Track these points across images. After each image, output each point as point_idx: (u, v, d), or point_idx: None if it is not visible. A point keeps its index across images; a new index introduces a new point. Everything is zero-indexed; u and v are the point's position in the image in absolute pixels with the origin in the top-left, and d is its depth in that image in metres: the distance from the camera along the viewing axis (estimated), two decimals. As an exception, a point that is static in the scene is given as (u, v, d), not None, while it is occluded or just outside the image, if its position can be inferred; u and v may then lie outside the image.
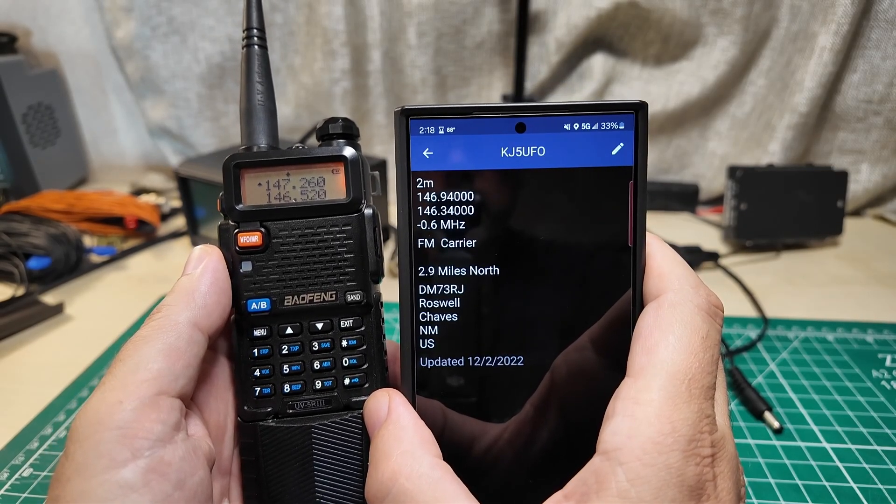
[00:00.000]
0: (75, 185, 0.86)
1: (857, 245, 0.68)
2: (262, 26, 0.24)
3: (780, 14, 0.70)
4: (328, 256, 0.22)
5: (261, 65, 0.24)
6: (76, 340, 0.49)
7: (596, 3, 0.67)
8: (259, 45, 0.24)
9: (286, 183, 0.22)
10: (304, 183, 0.23)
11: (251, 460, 0.22)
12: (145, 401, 0.18)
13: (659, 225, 0.73)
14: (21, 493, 0.34)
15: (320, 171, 0.23)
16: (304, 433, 0.22)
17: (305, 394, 0.22)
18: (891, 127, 0.71)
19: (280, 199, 0.22)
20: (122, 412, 0.17)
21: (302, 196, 0.22)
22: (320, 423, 0.22)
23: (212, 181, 0.58)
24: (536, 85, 0.74)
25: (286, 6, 0.75)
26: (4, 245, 0.57)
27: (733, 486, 0.18)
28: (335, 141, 0.23)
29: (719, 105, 0.77)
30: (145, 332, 0.20)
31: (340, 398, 0.22)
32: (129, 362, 0.19)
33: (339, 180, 0.23)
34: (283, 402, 0.22)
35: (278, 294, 0.22)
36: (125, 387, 0.18)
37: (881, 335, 0.50)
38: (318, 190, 0.23)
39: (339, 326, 0.23)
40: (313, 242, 0.22)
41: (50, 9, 0.79)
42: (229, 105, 0.81)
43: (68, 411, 0.41)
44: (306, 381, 0.22)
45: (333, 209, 0.22)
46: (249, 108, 0.23)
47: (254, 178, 0.22)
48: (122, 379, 0.18)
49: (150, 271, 0.62)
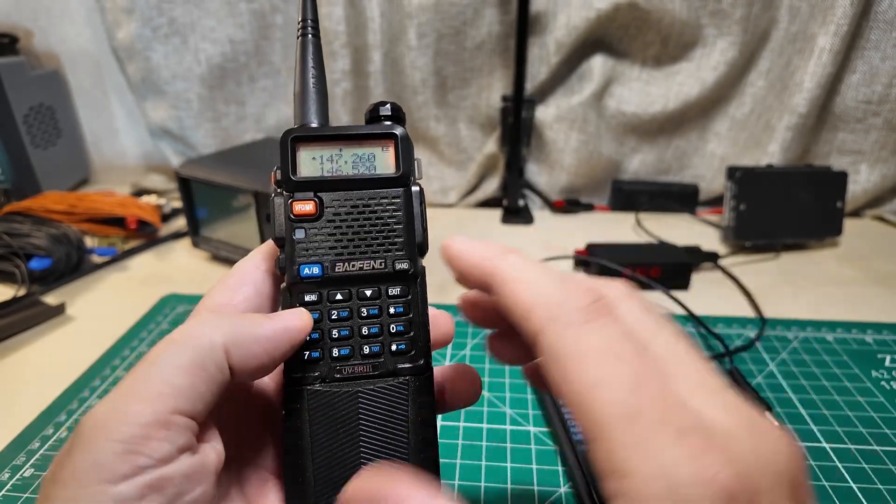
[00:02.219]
0: (76, 186, 0.87)
1: (856, 245, 0.68)
2: (317, 18, 0.26)
3: (780, 15, 0.70)
4: (378, 226, 0.23)
5: (315, 52, 0.25)
6: (77, 341, 0.49)
7: (595, 5, 0.67)
8: (313, 34, 0.25)
9: (338, 157, 0.24)
10: (355, 158, 0.24)
11: (296, 425, 0.22)
12: (158, 416, 0.17)
13: (658, 225, 0.73)
14: (22, 494, 0.34)
15: (371, 146, 0.24)
16: (352, 397, 0.22)
17: (353, 359, 0.23)
18: (890, 127, 0.71)
19: (333, 172, 0.24)
20: (131, 424, 0.17)
21: (353, 170, 0.24)
22: (367, 387, 0.23)
23: (213, 182, 0.58)
24: (536, 86, 0.74)
25: (287, 7, 0.75)
26: (6, 246, 0.57)
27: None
28: (383, 122, 0.24)
29: (719, 106, 0.77)
30: (178, 336, 0.19)
31: (387, 364, 0.23)
32: (153, 370, 0.18)
33: (389, 156, 0.24)
34: (330, 366, 0.23)
35: (330, 261, 0.23)
36: (141, 396, 0.17)
37: (880, 335, 0.50)
38: (369, 165, 0.24)
39: (386, 294, 0.23)
40: (364, 213, 0.23)
41: (51, 10, 0.79)
42: (230, 106, 0.81)
43: (69, 412, 0.41)
44: (354, 347, 0.23)
45: (384, 182, 0.23)
46: (304, 90, 0.25)
47: (308, 152, 0.23)
48: (141, 385, 0.18)
49: (151, 272, 0.62)
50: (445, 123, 0.79)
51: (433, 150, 0.81)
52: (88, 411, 0.18)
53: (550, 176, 0.80)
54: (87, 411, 0.40)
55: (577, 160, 0.76)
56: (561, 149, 0.76)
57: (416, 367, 0.23)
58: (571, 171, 0.77)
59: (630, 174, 0.82)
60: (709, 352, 0.47)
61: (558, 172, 0.78)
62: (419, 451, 0.22)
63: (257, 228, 0.57)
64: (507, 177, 0.76)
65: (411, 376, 0.23)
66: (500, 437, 0.38)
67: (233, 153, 0.65)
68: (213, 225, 0.62)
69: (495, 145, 0.77)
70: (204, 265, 0.63)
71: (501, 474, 0.35)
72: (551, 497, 0.33)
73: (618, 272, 0.56)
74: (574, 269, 0.62)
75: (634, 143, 0.79)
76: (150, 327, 0.51)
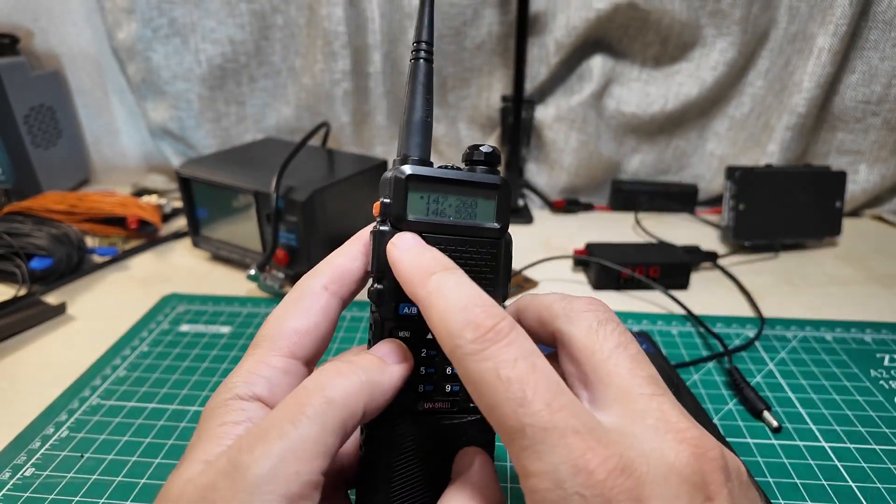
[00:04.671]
0: (77, 186, 0.87)
1: (855, 245, 0.68)
2: (432, 41, 0.25)
3: (779, 15, 0.70)
4: (473, 274, 0.23)
5: (427, 79, 0.25)
6: (78, 341, 0.50)
7: (595, 5, 0.67)
8: (426, 59, 0.24)
9: (444, 200, 0.24)
10: (459, 203, 0.24)
11: (376, 451, 0.23)
12: (313, 476, 0.18)
13: (658, 225, 0.73)
14: (23, 493, 0.34)
15: (476, 195, 0.24)
16: (433, 430, 0.24)
17: (436, 394, 0.24)
18: (889, 127, 0.71)
19: (437, 213, 0.24)
20: (295, 483, 0.17)
21: (456, 214, 0.24)
22: (446, 422, 0.24)
23: (213, 182, 0.58)
24: (536, 86, 0.75)
25: (287, 8, 0.75)
26: (6, 246, 0.57)
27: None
28: (478, 167, 0.25)
29: (718, 106, 0.77)
30: (332, 392, 0.19)
31: (463, 402, 0.24)
32: (313, 427, 0.18)
33: (490, 206, 0.25)
34: (416, 400, 0.24)
35: None
36: (304, 457, 0.18)
37: (879, 335, 0.50)
38: (471, 212, 0.24)
39: None
40: (463, 260, 0.24)
41: (52, 10, 0.79)
42: (230, 106, 0.81)
43: (70, 411, 0.41)
44: (438, 384, 0.24)
45: (486, 232, 0.24)
46: (411, 120, 0.24)
47: (417, 192, 0.24)
48: (303, 443, 0.18)
49: (151, 272, 0.62)
50: (445, 123, 0.79)
51: (433, 149, 0.82)
52: (251, 452, 0.17)
53: (550, 176, 0.80)
54: (87, 410, 0.41)
55: (577, 160, 0.76)
56: (561, 149, 0.76)
57: None
58: (571, 171, 0.77)
59: (629, 174, 0.82)
60: (708, 351, 0.47)
61: (558, 172, 0.78)
62: None
63: (257, 228, 0.57)
64: (507, 177, 0.76)
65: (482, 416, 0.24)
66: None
67: (233, 153, 0.65)
68: (214, 225, 0.62)
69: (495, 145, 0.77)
70: (204, 265, 0.63)
71: (501, 474, 0.35)
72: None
73: (617, 272, 0.56)
74: (574, 269, 0.62)
75: (634, 143, 0.79)
76: (150, 327, 0.51)
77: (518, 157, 0.74)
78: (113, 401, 0.42)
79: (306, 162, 0.61)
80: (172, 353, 0.47)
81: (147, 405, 0.41)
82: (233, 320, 0.52)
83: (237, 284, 0.59)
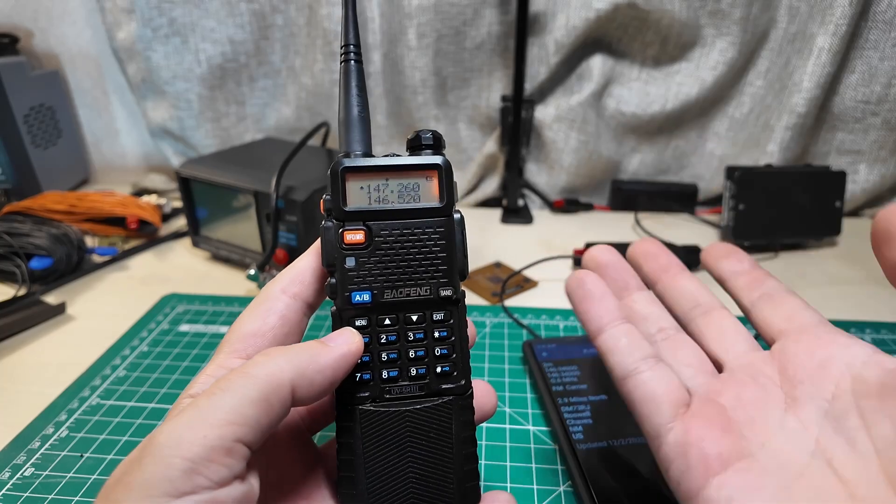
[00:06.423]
0: (77, 186, 0.87)
1: (855, 245, 0.68)
2: (359, 42, 0.26)
3: (779, 15, 0.70)
4: (423, 255, 0.25)
5: (358, 78, 0.26)
6: (78, 340, 0.50)
7: (595, 5, 0.67)
8: (355, 60, 0.26)
9: (385, 187, 0.25)
10: (401, 188, 0.25)
11: (349, 442, 0.24)
12: (224, 442, 0.18)
13: (657, 225, 0.73)
14: (23, 493, 0.34)
15: (416, 177, 0.25)
16: (402, 416, 0.24)
17: (401, 380, 0.24)
18: (889, 127, 0.71)
19: (379, 201, 0.25)
20: (199, 446, 0.18)
21: (399, 199, 0.25)
22: (414, 407, 0.24)
23: (213, 182, 0.58)
24: (536, 86, 0.75)
25: (287, 7, 0.75)
26: (6, 245, 0.57)
27: None
28: (423, 151, 0.25)
29: (717, 106, 0.77)
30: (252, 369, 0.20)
31: (432, 385, 0.24)
32: (225, 397, 0.19)
33: (433, 186, 0.25)
34: (380, 387, 0.24)
35: (379, 288, 0.24)
36: (212, 421, 0.19)
37: (879, 335, 0.50)
38: (414, 195, 0.25)
39: (431, 319, 0.25)
40: (410, 241, 0.25)
41: (51, 10, 0.79)
42: (230, 106, 0.81)
43: (70, 411, 0.41)
44: (402, 369, 0.24)
45: (429, 212, 0.25)
46: (348, 117, 0.25)
47: (356, 182, 0.24)
48: (212, 411, 0.19)
49: (151, 271, 0.62)
50: (445, 123, 0.79)
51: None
52: (163, 426, 0.19)
53: (550, 176, 0.80)
54: (87, 410, 0.41)
55: (577, 160, 0.76)
56: (560, 149, 0.76)
57: (458, 388, 0.25)
58: (571, 170, 0.77)
59: (629, 174, 0.82)
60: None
61: (558, 172, 0.78)
62: (462, 464, 0.24)
63: (257, 228, 0.57)
64: (507, 177, 0.76)
65: (454, 396, 0.24)
66: (500, 436, 0.38)
67: (233, 153, 0.65)
68: (213, 225, 0.62)
69: (495, 145, 0.77)
70: (204, 265, 0.63)
71: (501, 473, 0.35)
72: (551, 496, 0.34)
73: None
74: (573, 269, 0.62)
75: (634, 143, 0.79)
76: (150, 327, 0.51)
77: (518, 157, 0.74)
78: (112, 401, 0.42)
79: (306, 162, 0.61)
80: (172, 352, 0.47)
81: (147, 405, 0.41)
82: (232, 320, 0.52)
83: (237, 284, 0.59)
